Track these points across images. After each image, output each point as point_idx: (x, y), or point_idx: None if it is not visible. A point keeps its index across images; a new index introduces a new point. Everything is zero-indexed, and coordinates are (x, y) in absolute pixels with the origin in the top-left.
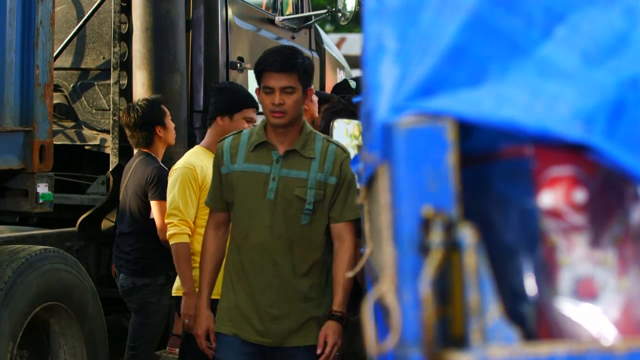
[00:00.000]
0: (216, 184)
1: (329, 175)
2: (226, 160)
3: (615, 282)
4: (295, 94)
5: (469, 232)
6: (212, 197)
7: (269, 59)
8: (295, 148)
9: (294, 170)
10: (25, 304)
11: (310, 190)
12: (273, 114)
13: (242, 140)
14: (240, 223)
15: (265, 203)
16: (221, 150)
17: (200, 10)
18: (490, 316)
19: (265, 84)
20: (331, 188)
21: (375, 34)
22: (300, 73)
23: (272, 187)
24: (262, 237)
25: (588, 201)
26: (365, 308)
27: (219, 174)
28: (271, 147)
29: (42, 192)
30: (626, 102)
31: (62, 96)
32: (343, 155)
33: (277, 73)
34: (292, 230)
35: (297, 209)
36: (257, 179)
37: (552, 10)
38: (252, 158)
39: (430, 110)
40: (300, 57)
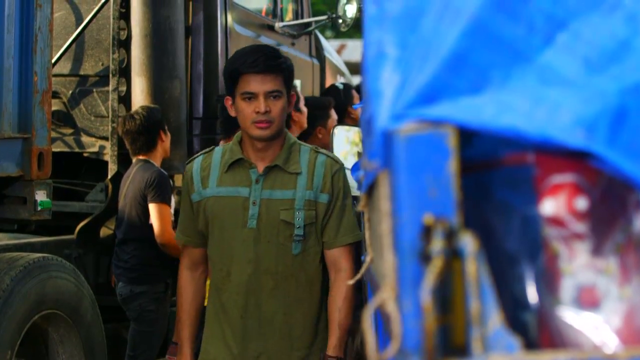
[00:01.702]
0: (188, 214)
1: (319, 193)
2: (197, 185)
3: (617, 290)
4: (282, 100)
5: (470, 239)
6: (184, 230)
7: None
8: (277, 163)
9: (278, 190)
10: (24, 312)
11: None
12: (257, 124)
13: (214, 159)
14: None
15: (247, 233)
16: (190, 173)
17: (199, 17)
18: (491, 324)
19: (245, 89)
20: (323, 207)
21: (376, 40)
22: (285, 75)
23: (253, 213)
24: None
25: (590, 209)
26: (366, 316)
27: (189, 202)
28: (249, 164)
29: (40, 199)
30: (628, 109)
31: (61, 103)
32: (335, 166)
33: (260, 75)
34: (281, 263)
35: (286, 236)
36: (235, 205)
37: (554, 16)
38: (227, 180)
39: (431, 118)
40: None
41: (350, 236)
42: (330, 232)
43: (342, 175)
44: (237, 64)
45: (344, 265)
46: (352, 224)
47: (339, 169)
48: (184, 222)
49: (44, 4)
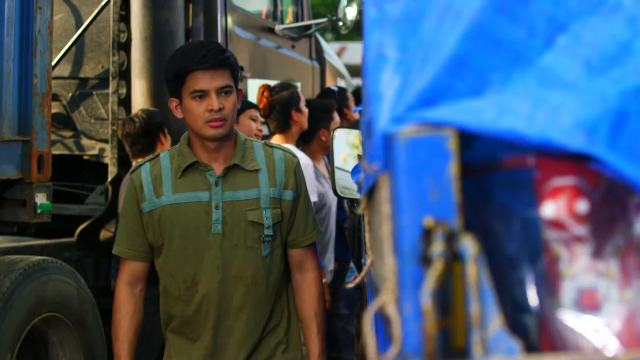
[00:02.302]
0: (134, 226)
1: (283, 190)
2: (148, 193)
3: (618, 293)
4: (233, 95)
5: (471, 242)
6: (128, 243)
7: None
8: (235, 162)
9: (241, 191)
10: (23, 315)
11: (265, 210)
12: (211, 123)
13: (163, 165)
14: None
15: (212, 238)
16: (139, 182)
17: (199, 19)
18: (491, 327)
19: (195, 87)
20: (288, 205)
21: (376, 43)
22: (233, 69)
23: (217, 218)
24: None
25: (590, 212)
26: (367, 319)
27: (138, 213)
28: (204, 167)
29: (40, 202)
30: (629, 111)
31: (61, 105)
32: (294, 160)
33: (209, 71)
34: (251, 267)
35: (254, 238)
36: (196, 211)
37: (554, 19)
38: (183, 185)
39: (432, 121)
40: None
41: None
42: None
43: (300, 169)
44: (184, 61)
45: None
46: (314, 220)
47: (298, 163)
48: (129, 234)
49: (43, 6)
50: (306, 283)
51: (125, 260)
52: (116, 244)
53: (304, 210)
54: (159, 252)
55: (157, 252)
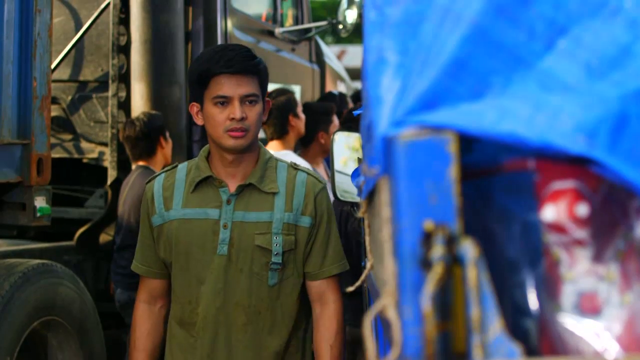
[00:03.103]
0: (147, 241)
1: (299, 215)
2: (158, 206)
3: (618, 297)
4: (259, 105)
5: (471, 246)
6: (142, 259)
7: (220, 58)
8: (252, 181)
9: (253, 212)
10: (23, 318)
11: (276, 236)
12: (231, 132)
13: (177, 177)
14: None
15: (216, 260)
16: (151, 193)
17: (199, 22)
18: (492, 331)
19: (217, 93)
20: (305, 232)
21: (376, 46)
22: (261, 77)
23: (223, 238)
24: (214, 307)
25: (591, 215)
26: (367, 322)
27: (149, 226)
28: (218, 183)
29: (39, 205)
30: (629, 115)
31: (60, 109)
32: (317, 186)
33: (235, 76)
34: (255, 295)
35: (261, 264)
36: (203, 229)
37: (555, 22)
38: (194, 201)
39: (432, 124)
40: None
41: (337, 266)
42: (315, 262)
43: (325, 196)
44: (208, 63)
45: (331, 297)
46: (339, 251)
47: (322, 189)
48: (143, 250)
49: (43, 9)
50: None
51: (142, 277)
52: (134, 260)
53: (324, 239)
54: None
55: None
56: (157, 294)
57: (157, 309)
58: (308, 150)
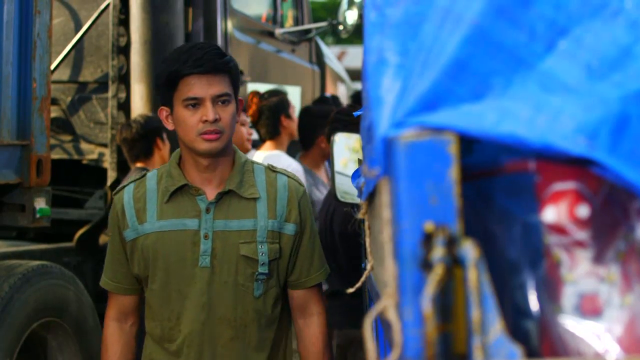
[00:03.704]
0: (117, 256)
1: (284, 222)
2: (131, 220)
3: (619, 298)
4: (232, 105)
5: (471, 247)
6: (112, 275)
7: (188, 58)
8: (231, 188)
9: (234, 220)
10: (22, 320)
11: (261, 245)
12: (205, 135)
13: (148, 187)
14: (164, 307)
15: (199, 273)
16: (121, 206)
17: (199, 23)
18: (492, 333)
19: (188, 95)
20: (289, 240)
21: (376, 47)
22: (232, 76)
23: (205, 249)
24: (198, 322)
25: (591, 216)
26: (367, 324)
27: (120, 241)
28: (195, 191)
29: (39, 206)
30: (630, 116)
31: (60, 110)
32: (300, 190)
33: (206, 76)
34: (241, 308)
35: (246, 275)
36: (182, 240)
37: (555, 23)
38: (170, 211)
39: (432, 125)
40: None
41: (320, 274)
42: (301, 270)
43: (307, 200)
44: (176, 64)
45: (315, 309)
46: (322, 258)
47: (304, 193)
48: (113, 265)
49: (42, 10)
50: (310, 330)
51: (111, 293)
52: (102, 274)
53: (309, 246)
54: (145, 286)
55: (145, 285)
56: (128, 311)
57: (128, 327)
58: (309, 154)
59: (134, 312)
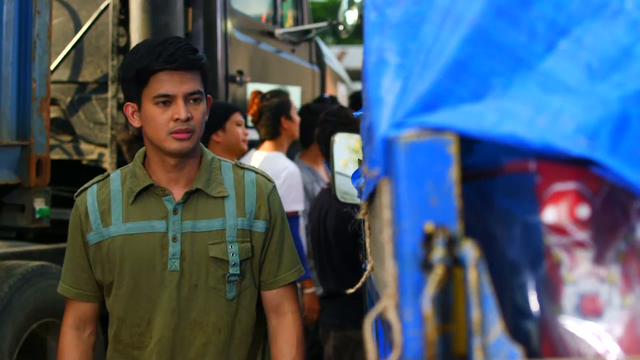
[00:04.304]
0: (78, 261)
1: (253, 219)
2: (95, 222)
3: (620, 299)
4: (203, 104)
5: (471, 248)
6: (72, 280)
7: (160, 53)
8: (198, 186)
9: (203, 221)
10: (22, 320)
11: (231, 245)
12: (177, 134)
13: (113, 189)
14: (132, 313)
15: (168, 277)
16: (83, 208)
17: (199, 23)
18: (492, 333)
19: (159, 91)
20: (260, 238)
21: (376, 47)
22: (204, 72)
23: (174, 252)
24: (169, 328)
25: (592, 217)
26: (367, 324)
27: (83, 245)
28: (161, 191)
29: (39, 207)
30: (630, 116)
31: (59, 110)
32: (269, 186)
33: (177, 72)
34: (214, 312)
35: (217, 277)
36: (150, 243)
37: (556, 23)
38: (136, 213)
39: (432, 125)
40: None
41: (293, 272)
42: (270, 269)
43: (277, 196)
44: (147, 59)
45: (288, 307)
46: (294, 256)
47: (273, 188)
48: (73, 271)
49: (42, 10)
50: (283, 328)
51: (70, 300)
52: (60, 281)
53: (278, 244)
54: (108, 291)
55: (106, 291)
56: (87, 319)
57: (87, 336)
58: (309, 151)
59: (93, 321)
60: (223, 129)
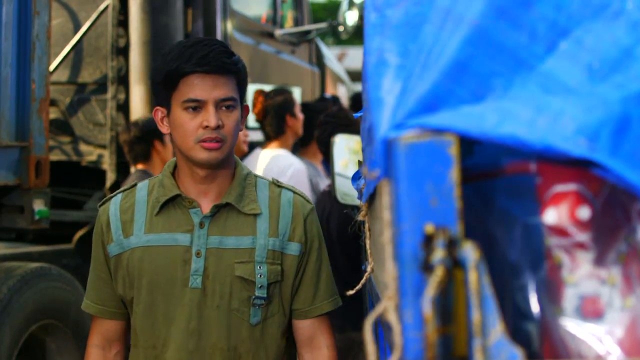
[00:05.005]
0: (101, 274)
1: (287, 241)
2: (116, 233)
3: (620, 300)
4: (236, 112)
5: (472, 249)
6: (95, 296)
7: (192, 54)
8: (229, 201)
9: (231, 237)
10: (21, 322)
11: (259, 265)
12: (205, 143)
13: (138, 198)
14: (148, 332)
15: (189, 295)
16: (106, 217)
17: (198, 24)
18: (493, 335)
19: (189, 96)
20: (293, 261)
21: (377, 48)
22: (240, 78)
23: (197, 268)
24: (186, 350)
25: (593, 218)
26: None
27: (104, 257)
28: (188, 203)
29: (38, 208)
30: (631, 117)
31: (59, 111)
32: (307, 207)
33: (210, 76)
34: (235, 336)
35: (241, 299)
36: (172, 257)
37: (556, 24)
38: (160, 224)
39: (433, 126)
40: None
41: (329, 302)
42: (305, 297)
43: (315, 219)
44: (178, 61)
45: (323, 342)
46: (331, 284)
47: (312, 210)
48: (96, 285)
49: (41, 11)
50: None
51: (94, 317)
52: (85, 296)
53: (316, 270)
54: (131, 308)
55: (129, 308)
56: (113, 337)
57: (113, 356)
58: (309, 148)
59: (120, 340)
60: None
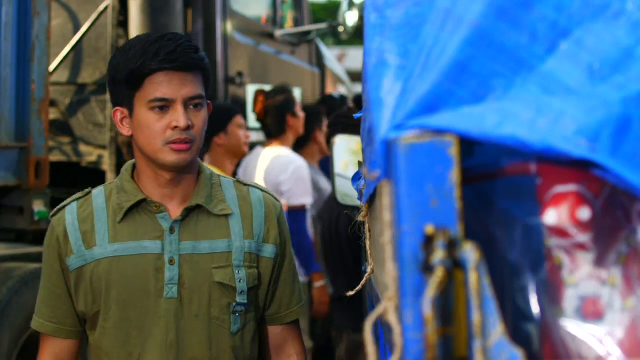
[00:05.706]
0: (56, 290)
1: (261, 243)
2: (76, 244)
3: (621, 301)
4: (204, 110)
5: (472, 250)
6: (49, 314)
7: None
8: (199, 202)
9: (205, 242)
10: (21, 323)
11: (238, 270)
12: (174, 145)
13: (96, 206)
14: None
15: (164, 305)
16: (62, 229)
17: (198, 24)
18: (493, 336)
19: (156, 95)
20: (268, 264)
21: (377, 49)
22: (206, 74)
23: (171, 277)
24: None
25: (593, 219)
26: (367, 327)
27: (61, 272)
28: (155, 207)
29: (37, 209)
30: (631, 118)
31: (58, 111)
32: (277, 205)
33: (177, 74)
34: (216, 346)
35: (222, 306)
36: (143, 267)
37: (557, 25)
38: (125, 232)
39: (433, 127)
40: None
41: (299, 308)
42: (281, 302)
43: (285, 218)
44: (142, 57)
45: (293, 348)
46: (301, 289)
47: (282, 209)
48: (49, 302)
49: (41, 11)
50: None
51: (45, 337)
52: (35, 315)
53: (290, 273)
54: (93, 325)
55: (90, 325)
56: (67, 358)
57: None
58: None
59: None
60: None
